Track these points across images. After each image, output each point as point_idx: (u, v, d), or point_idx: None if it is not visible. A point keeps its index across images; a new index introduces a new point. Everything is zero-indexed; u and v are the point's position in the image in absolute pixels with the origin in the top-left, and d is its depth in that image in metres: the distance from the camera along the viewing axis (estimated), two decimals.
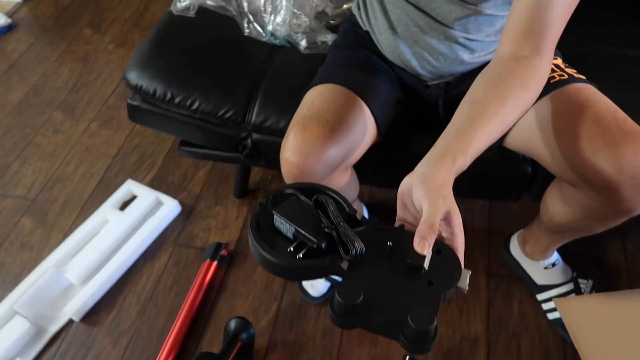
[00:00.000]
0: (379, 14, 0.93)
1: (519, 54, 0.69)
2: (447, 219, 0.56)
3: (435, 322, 0.47)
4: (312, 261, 0.54)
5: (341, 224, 0.55)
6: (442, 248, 0.55)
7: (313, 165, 0.82)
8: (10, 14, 2.20)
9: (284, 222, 0.56)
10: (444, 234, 0.58)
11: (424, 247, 0.52)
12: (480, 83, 0.70)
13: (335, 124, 0.83)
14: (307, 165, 0.82)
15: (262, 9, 1.21)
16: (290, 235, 0.56)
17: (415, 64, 0.93)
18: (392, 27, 0.92)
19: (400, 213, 0.62)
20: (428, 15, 0.86)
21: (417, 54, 0.92)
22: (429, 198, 0.55)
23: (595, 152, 0.75)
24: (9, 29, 2.11)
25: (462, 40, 0.88)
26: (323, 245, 0.54)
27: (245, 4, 1.22)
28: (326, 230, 0.55)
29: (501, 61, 0.70)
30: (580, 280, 1.16)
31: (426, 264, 0.53)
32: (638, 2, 1.22)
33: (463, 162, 0.61)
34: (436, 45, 0.89)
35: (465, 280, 0.53)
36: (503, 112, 0.66)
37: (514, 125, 0.88)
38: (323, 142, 0.82)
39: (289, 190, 0.60)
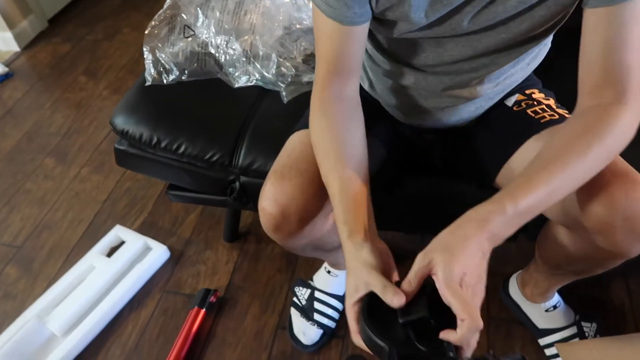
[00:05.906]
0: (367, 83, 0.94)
1: (599, 104, 0.64)
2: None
3: None
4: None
5: None
6: None
7: (290, 217, 0.79)
8: (7, 63, 2.23)
9: None
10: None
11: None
12: (552, 140, 0.66)
13: (314, 173, 0.78)
14: (285, 217, 0.79)
15: (244, 59, 1.20)
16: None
17: (412, 121, 0.92)
18: (388, 96, 0.91)
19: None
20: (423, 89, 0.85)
21: (416, 115, 0.91)
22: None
23: (588, 195, 0.72)
24: (5, 77, 2.14)
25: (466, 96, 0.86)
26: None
27: (223, 58, 1.20)
28: None
29: (578, 115, 0.66)
30: (583, 324, 1.10)
31: None
32: None
33: (514, 210, 0.60)
34: (436, 108, 0.88)
35: None
36: (568, 164, 0.61)
37: (505, 163, 0.86)
38: (301, 193, 0.78)
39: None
